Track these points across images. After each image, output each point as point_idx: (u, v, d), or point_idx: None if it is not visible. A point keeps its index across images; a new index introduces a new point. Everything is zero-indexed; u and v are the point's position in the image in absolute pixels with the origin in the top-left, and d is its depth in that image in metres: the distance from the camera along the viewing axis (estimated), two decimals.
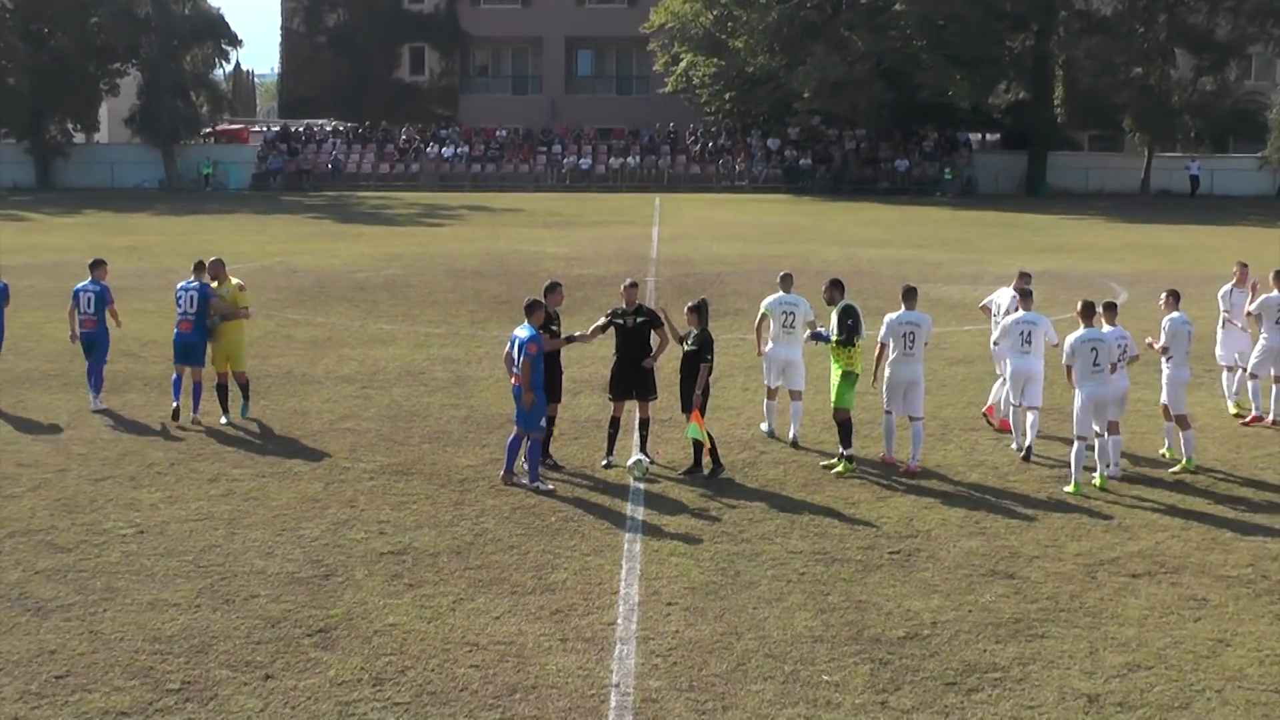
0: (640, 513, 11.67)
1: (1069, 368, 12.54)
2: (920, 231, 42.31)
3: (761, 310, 14.62)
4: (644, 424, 13.24)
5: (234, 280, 15.29)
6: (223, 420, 14.87)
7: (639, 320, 13.11)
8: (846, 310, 13.14)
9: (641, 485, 12.55)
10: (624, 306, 13.13)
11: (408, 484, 12.52)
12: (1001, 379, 15.23)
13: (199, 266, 15.26)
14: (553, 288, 13.04)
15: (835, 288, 13.26)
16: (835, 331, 13.11)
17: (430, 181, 62.71)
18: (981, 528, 11.34)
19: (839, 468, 13.04)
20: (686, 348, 12.79)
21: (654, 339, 13.24)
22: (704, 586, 9.76)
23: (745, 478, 12.88)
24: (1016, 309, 14.07)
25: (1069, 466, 12.75)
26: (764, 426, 14.56)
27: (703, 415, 12.55)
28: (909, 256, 33.82)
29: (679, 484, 12.57)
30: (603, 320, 13.24)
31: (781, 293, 14.51)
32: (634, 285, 13.13)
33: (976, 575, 10.09)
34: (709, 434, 12.57)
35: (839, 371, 13.09)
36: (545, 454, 12.89)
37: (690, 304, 12.89)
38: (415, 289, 27.10)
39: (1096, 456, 12.70)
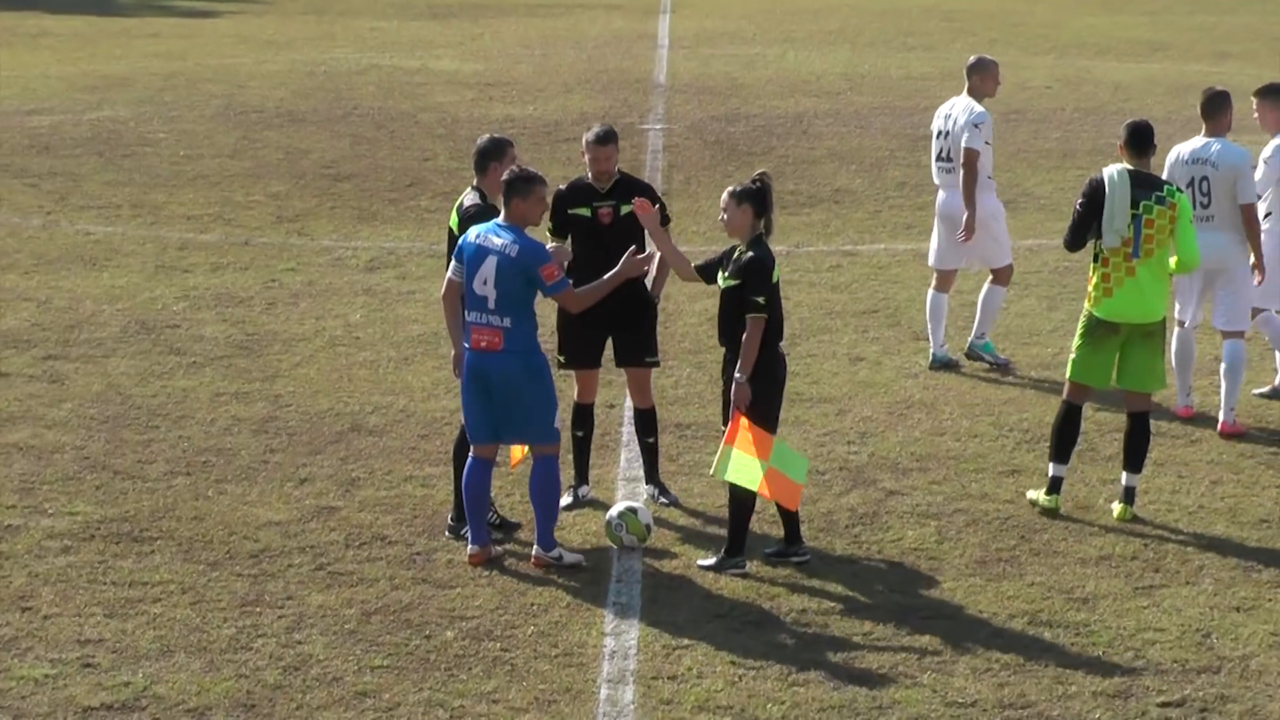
0: (635, 621, 11.70)
1: None
2: (1228, 24, 42.33)
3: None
4: (646, 421, 13.53)
5: None
6: None
7: (622, 209, 13.25)
8: (1091, 193, 13.48)
9: (638, 559, 12.59)
10: (588, 181, 13.34)
11: (143, 561, 12.56)
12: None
13: None
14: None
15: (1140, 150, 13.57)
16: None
17: None
18: None
19: (1045, 500, 13.57)
20: (722, 282, 12.76)
21: (650, 247, 13.35)
22: None
23: (856, 545, 12.92)
24: None
25: None
26: (933, 350, 16.53)
27: (769, 427, 12.36)
28: (1201, 76, 33.74)
29: (717, 558, 12.59)
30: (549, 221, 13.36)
31: (953, 99, 16.98)
32: (607, 137, 13.30)
33: None
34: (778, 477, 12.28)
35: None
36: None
37: (734, 188, 12.79)
38: (158, 150, 27.26)
39: None
